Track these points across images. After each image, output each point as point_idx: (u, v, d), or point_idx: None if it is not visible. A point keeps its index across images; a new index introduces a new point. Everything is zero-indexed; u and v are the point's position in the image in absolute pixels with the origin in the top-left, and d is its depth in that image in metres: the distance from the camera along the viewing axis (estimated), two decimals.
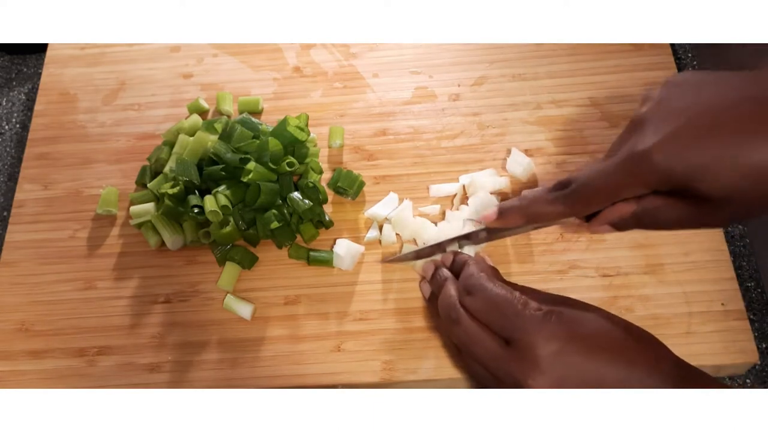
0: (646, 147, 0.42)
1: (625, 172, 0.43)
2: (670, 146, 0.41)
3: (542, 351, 0.42)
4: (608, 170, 0.45)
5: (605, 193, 0.46)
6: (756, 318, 0.64)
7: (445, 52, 0.75)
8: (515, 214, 0.52)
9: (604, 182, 0.45)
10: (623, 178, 0.44)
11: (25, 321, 0.65)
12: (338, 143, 0.70)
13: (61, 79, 0.78)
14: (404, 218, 0.64)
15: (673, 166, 0.41)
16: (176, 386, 0.61)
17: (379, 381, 0.60)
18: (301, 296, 0.64)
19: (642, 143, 0.42)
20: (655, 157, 0.41)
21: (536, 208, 0.50)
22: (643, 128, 0.43)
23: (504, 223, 0.53)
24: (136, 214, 0.66)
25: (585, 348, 0.42)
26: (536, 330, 0.43)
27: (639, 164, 0.42)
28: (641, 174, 0.43)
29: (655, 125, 0.42)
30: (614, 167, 0.44)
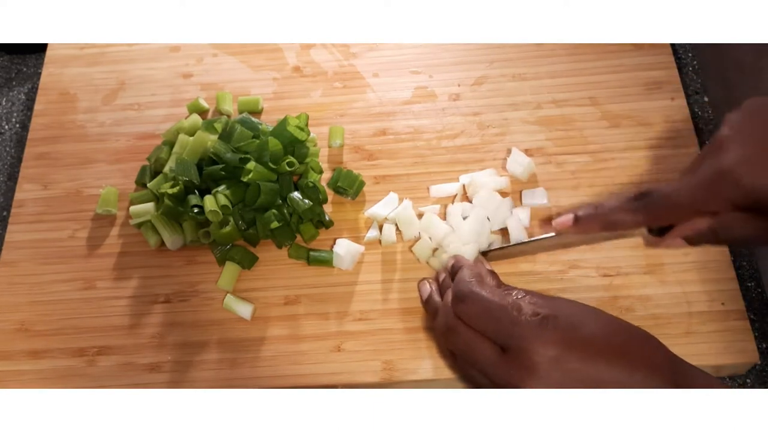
0: (731, 164, 0.44)
1: (709, 187, 0.46)
2: (756, 164, 0.44)
3: (539, 358, 0.42)
4: (692, 184, 0.47)
5: (687, 206, 0.47)
6: (756, 318, 0.64)
7: (445, 51, 0.75)
8: (592, 222, 0.52)
9: (687, 196, 0.47)
10: (706, 192, 0.46)
11: (25, 321, 0.65)
12: (338, 143, 0.70)
13: (60, 79, 0.77)
14: (409, 216, 0.64)
15: (757, 184, 0.44)
16: (176, 386, 0.61)
17: (379, 381, 0.60)
18: (301, 296, 0.64)
19: (727, 160, 0.45)
20: (739, 175, 0.44)
21: (614, 217, 0.51)
22: (727, 147, 0.45)
23: (579, 230, 0.54)
24: (136, 214, 0.66)
25: (583, 353, 0.42)
26: (533, 337, 0.43)
27: (723, 180, 0.45)
28: (725, 190, 0.45)
29: (740, 144, 0.45)
30: (698, 182, 0.46)
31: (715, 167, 0.45)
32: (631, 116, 0.69)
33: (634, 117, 0.69)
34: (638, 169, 0.67)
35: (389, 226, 0.65)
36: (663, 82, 0.71)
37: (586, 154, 0.68)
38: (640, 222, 0.50)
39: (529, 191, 0.66)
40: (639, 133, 0.69)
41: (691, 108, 0.70)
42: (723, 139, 0.46)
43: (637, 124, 0.69)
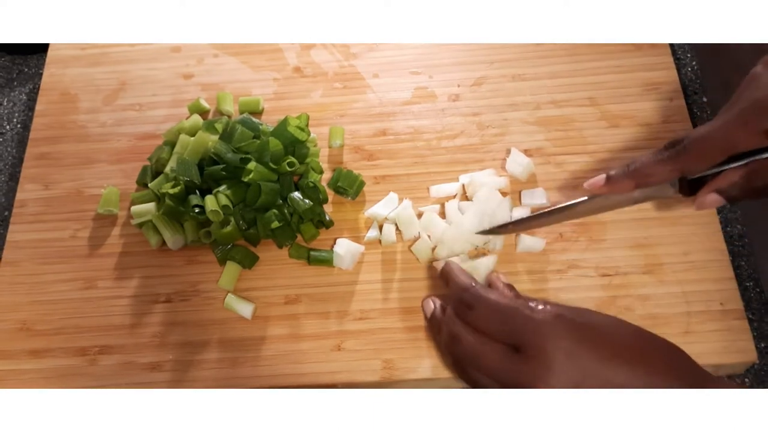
0: (765, 94, 0.43)
1: (745, 121, 0.44)
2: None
3: (555, 354, 0.40)
4: (724, 122, 0.45)
5: (721, 145, 0.46)
6: (755, 317, 0.64)
7: (445, 52, 0.75)
8: (624, 179, 0.51)
9: (721, 134, 0.45)
10: (740, 126, 0.44)
11: (27, 320, 0.65)
12: (338, 143, 0.71)
13: (62, 80, 0.78)
14: (409, 216, 0.64)
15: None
16: (177, 385, 0.61)
17: (379, 380, 0.60)
18: (301, 296, 0.64)
19: (761, 91, 0.43)
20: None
21: (646, 170, 0.49)
22: (760, 80, 0.44)
23: (612, 189, 0.52)
24: (137, 214, 0.66)
25: (599, 352, 0.41)
26: (548, 332, 0.41)
27: (757, 110, 0.43)
28: (759, 120, 0.43)
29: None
30: (732, 118, 0.45)
31: (750, 100, 0.44)
32: (630, 117, 0.70)
33: (634, 117, 0.70)
34: None
35: (389, 226, 0.65)
36: (662, 83, 0.71)
37: (586, 155, 0.68)
38: (674, 171, 0.48)
39: (529, 191, 0.66)
40: (638, 134, 0.69)
41: (690, 109, 0.71)
42: (757, 74, 0.45)
43: (636, 124, 0.69)
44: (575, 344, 0.41)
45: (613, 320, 0.44)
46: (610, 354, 0.41)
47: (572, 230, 0.65)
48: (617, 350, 0.41)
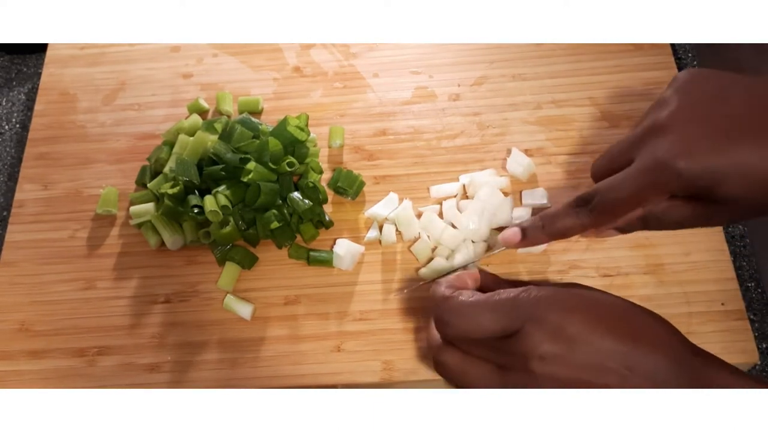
0: (670, 154, 0.43)
1: (649, 180, 0.44)
2: (694, 154, 0.42)
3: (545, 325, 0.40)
4: (632, 178, 0.45)
5: (630, 202, 0.46)
6: (756, 318, 0.64)
7: (445, 52, 0.75)
8: (539, 234, 0.51)
9: (628, 192, 0.45)
10: (647, 186, 0.44)
11: (25, 321, 0.65)
12: (338, 143, 0.70)
13: (61, 79, 0.78)
14: (408, 216, 0.64)
15: (696, 173, 0.42)
16: (176, 386, 0.61)
17: (379, 381, 0.60)
18: (301, 296, 0.64)
19: (665, 150, 0.43)
20: (679, 164, 0.42)
21: (561, 225, 0.50)
22: (664, 134, 0.44)
23: (527, 243, 0.53)
24: (136, 214, 0.66)
25: (588, 318, 0.40)
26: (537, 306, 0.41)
27: (663, 171, 0.43)
28: (666, 181, 0.43)
29: (677, 132, 0.43)
30: (637, 175, 0.45)
31: (653, 157, 0.44)
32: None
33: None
34: None
35: (389, 227, 0.65)
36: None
37: (586, 155, 0.68)
38: (587, 226, 0.49)
39: (529, 191, 0.66)
40: None
41: None
42: (659, 124, 0.45)
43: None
44: (565, 314, 0.40)
45: (600, 291, 0.44)
46: (597, 320, 0.40)
47: None
48: (606, 316, 0.41)
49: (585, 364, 0.39)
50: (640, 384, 0.39)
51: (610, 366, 0.39)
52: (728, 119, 0.43)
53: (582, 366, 0.40)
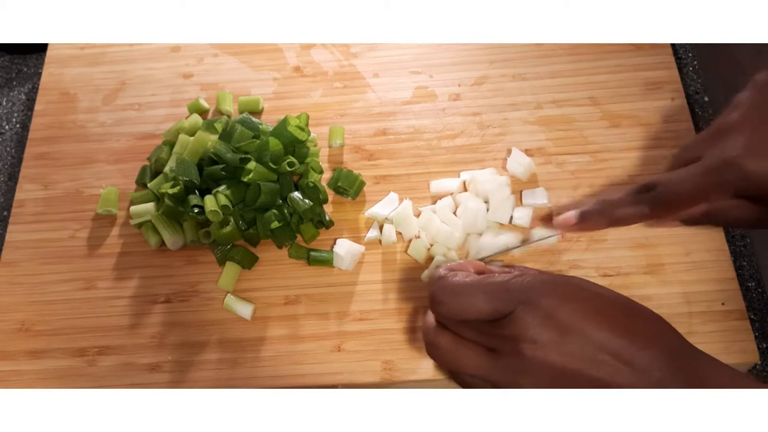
0: (737, 153, 0.43)
1: (714, 178, 0.44)
2: (760, 154, 0.43)
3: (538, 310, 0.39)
4: (696, 175, 0.45)
5: (692, 197, 0.46)
6: (756, 318, 0.64)
7: (446, 51, 0.75)
8: (597, 218, 0.51)
9: (691, 187, 0.46)
10: (711, 183, 0.45)
11: (26, 321, 0.65)
12: (338, 143, 0.70)
13: (61, 79, 0.78)
14: (407, 216, 0.64)
15: (761, 173, 0.43)
16: (176, 386, 0.61)
17: (379, 381, 0.60)
18: (301, 296, 0.64)
19: (733, 150, 0.43)
20: (746, 164, 0.43)
21: (620, 212, 0.49)
22: (733, 134, 0.44)
23: (583, 228, 0.52)
24: (136, 214, 0.66)
25: (584, 308, 0.39)
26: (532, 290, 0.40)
27: (729, 170, 0.43)
28: (731, 180, 0.44)
29: (747, 132, 0.44)
30: (703, 172, 0.45)
31: (720, 156, 0.44)
32: (631, 116, 0.69)
33: (635, 117, 0.69)
34: (638, 169, 0.67)
35: (389, 226, 0.65)
36: (663, 82, 0.71)
37: (587, 154, 0.68)
38: (646, 215, 0.49)
39: (529, 191, 0.66)
40: (639, 133, 0.69)
41: (691, 108, 0.70)
42: (729, 125, 0.45)
43: (637, 124, 0.69)
44: (560, 303, 0.40)
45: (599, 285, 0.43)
46: (593, 311, 0.39)
47: None
48: (602, 309, 0.40)
49: (577, 353, 0.39)
50: (634, 379, 0.38)
51: (603, 358, 0.38)
52: None
53: (574, 355, 0.39)
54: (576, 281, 0.42)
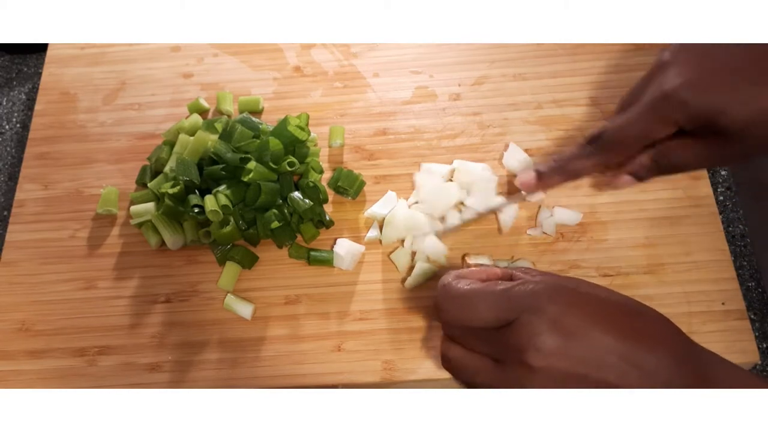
0: (674, 86, 0.45)
1: (655, 112, 0.46)
2: (697, 85, 0.45)
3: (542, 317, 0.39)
4: (639, 114, 0.47)
5: (638, 136, 0.48)
6: (756, 318, 0.64)
7: (446, 51, 0.75)
8: (555, 174, 0.53)
9: (636, 126, 0.47)
10: (654, 118, 0.46)
11: (26, 321, 0.65)
12: (339, 143, 0.70)
13: (61, 79, 0.78)
14: (395, 216, 0.64)
15: (699, 102, 0.44)
16: (176, 386, 0.61)
17: (379, 381, 0.60)
18: (301, 296, 0.64)
19: (670, 83, 0.45)
20: (683, 95, 0.45)
21: (574, 165, 0.51)
22: (668, 70, 0.46)
23: (544, 185, 0.54)
24: (137, 214, 0.66)
25: (589, 312, 0.39)
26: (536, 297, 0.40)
27: (668, 103, 0.45)
28: (670, 112, 0.45)
29: (681, 67, 0.46)
30: (644, 109, 0.47)
31: (658, 90, 0.46)
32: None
33: None
34: None
35: None
36: None
37: None
38: (599, 163, 0.51)
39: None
40: None
41: None
42: (663, 62, 0.47)
43: None
44: (565, 308, 0.40)
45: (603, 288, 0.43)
46: (598, 315, 0.40)
47: (573, 230, 0.64)
48: (607, 312, 0.40)
49: (584, 357, 0.39)
50: (641, 381, 0.38)
51: (610, 361, 0.38)
52: (729, 58, 0.45)
53: (580, 359, 0.39)
54: (580, 286, 0.42)
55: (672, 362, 0.39)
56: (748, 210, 0.69)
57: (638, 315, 0.41)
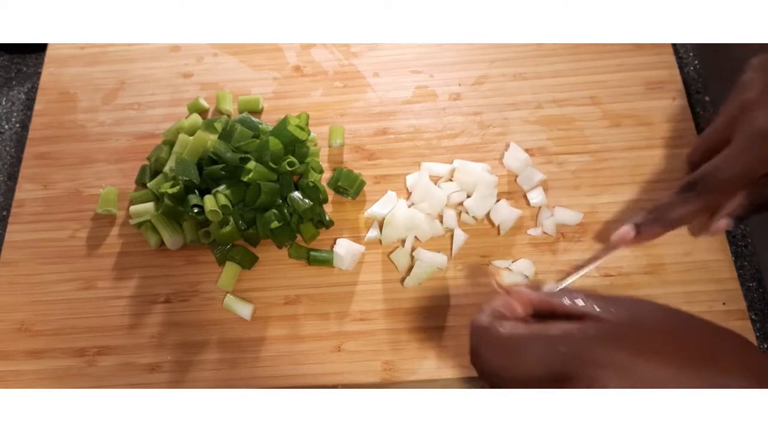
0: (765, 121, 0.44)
1: (754, 151, 0.45)
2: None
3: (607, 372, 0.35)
4: (735, 155, 0.46)
5: (740, 176, 0.47)
6: (757, 318, 0.64)
7: (446, 51, 0.75)
8: (654, 227, 0.50)
9: (736, 166, 0.46)
10: (753, 156, 0.45)
11: (25, 321, 0.65)
12: (338, 142, 0.70)
13: (60, 79, 0.77)
14: (395, 216, 0.64)
15: None
16: (176, 386, 0.61)
17: (379, 381, 0.60)
18: (301, 296, 0.64)
19: (763, 120, 0.45)
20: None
21: (674, 213, 0.49)
22: (759, 107, 0.45)
23: (641, 239, 0.51)
24: (136, 214, 0.66)
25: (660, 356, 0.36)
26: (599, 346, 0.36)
27: (765, 141, 0.45)
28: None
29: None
30: (741, 149, 0.46)
31: (755, 130, 0.45)
32: (632, 116, 0.69)
33: (635, 117, 0.69)
34: (639, 168, 0.67)
35: None
36: (664, 82, 0.71)
37: (587, 154, 0.68)
38: (699, 210, 0.49)
39: None
40: (640, 133, 0.68)
41: (692, 108, 0.70)
42: (749, 101, 0.46)
43: (638, 123, 0.69)
44: (628, 355, 0.35)
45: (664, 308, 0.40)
46: (672, 355, 0.36)
47: (574, 230, 0.64)
48: (678, 347, 0.37)
49: None
50: None
51: None
52: None
53: None
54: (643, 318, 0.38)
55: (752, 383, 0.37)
56: None
57: (708, 338, 0.39)
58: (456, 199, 0.65)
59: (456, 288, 0.63)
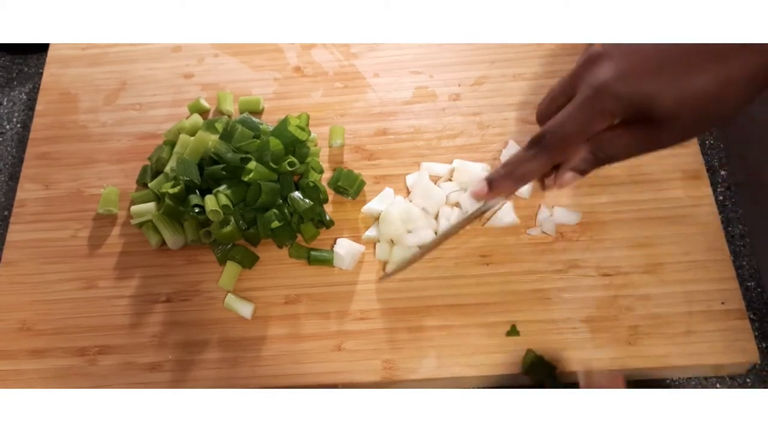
0: (608, 78, 0.46)
1: (593, 106, 0.47)
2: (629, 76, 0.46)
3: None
4: (577, 109, 0.48)
5: (579, 131, 0.49)
6: (756, 317, 0.64)
7: (446, 51, 0.75)
8: (505, 181, 0.53)
9: (576, 121, 0.48)
10: (592, 112, 0.47)
11: (27, 320, 0.65)
12: (339, 143, 0.70)
13: (62, 79, 0.78)
14: (390, 211, 0.64)
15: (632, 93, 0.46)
16: (177, 385, 0.61)
17: (379, 380, 0.60)
18: (301, 295, 0.64)
19: (603, 75, 0.47)
20: (617, 87, 0.46)
21: (522, 168, 0.52)
22: (600, 64, 0.48)
23: (496, 193, 0.54)
24: (137, 214, 0.66)
25: None
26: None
27: (604, 95, 0.46)
28: (607, 104, 0.47)
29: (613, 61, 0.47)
30: (582, 104, 0.48)
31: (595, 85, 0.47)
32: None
33: None
34: (638, 168, 0.67)
35: None
36: None
37: None
38: (545, 164, 0.51)
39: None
40: None
41: None
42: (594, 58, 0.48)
43: None
44: None
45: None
46: None
47: (573, 230, 0.64)
48: None
49: None
50: None
51: None
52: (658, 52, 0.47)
53: None
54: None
55: None
56: (747, 210, 0.69)
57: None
58: (455, 198, 0.65)
59: (456, 287, 0.63)
